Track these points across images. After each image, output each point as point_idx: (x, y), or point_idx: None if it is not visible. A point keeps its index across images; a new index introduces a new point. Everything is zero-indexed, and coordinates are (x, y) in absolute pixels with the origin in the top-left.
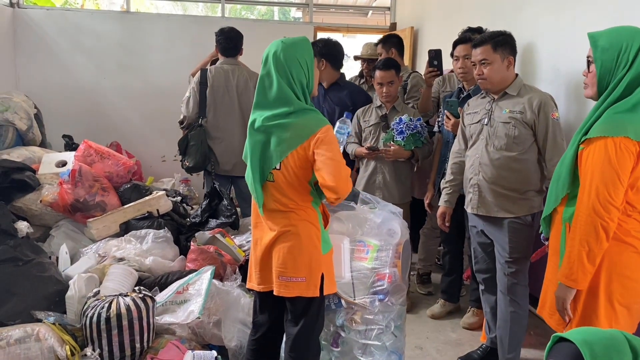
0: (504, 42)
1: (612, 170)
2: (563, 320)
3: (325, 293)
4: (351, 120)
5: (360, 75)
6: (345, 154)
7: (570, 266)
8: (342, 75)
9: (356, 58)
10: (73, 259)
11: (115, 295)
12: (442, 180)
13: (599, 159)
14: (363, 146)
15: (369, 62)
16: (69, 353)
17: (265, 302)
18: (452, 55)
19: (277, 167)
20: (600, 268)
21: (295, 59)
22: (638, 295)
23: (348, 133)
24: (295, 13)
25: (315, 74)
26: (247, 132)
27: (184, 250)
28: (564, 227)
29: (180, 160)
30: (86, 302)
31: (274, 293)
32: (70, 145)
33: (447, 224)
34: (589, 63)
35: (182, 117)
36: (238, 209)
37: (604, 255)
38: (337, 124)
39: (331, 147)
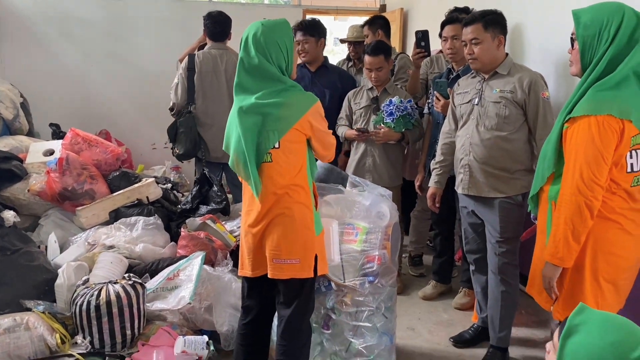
0: (494, 21)
1: (595, 149)
2: (551, 298)
3: (319, 274)
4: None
5: (348, 58)
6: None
7: (556, 245)
8: (326, 57)
9: (342, 41)
10: (63, 248)
11: (105, 282)
12: (432, 161)
13: (582, 138)
14: (353, 128)
15: (355, 44)
16: (59, 341)
17: (256, 286)
18: (440, 36)
19: (277, 145)
20: (586, 245)
21: (275, 41)
22: (623, 271)
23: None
24: None
25: (294, 58)
26: (233, 116)
27: (174, 237)
28: (550, 205)
29: (171, 148)
30: (75, 290)
31: (269, 276)
32: (58, 134)
33: (437, 205)
34: (572, 41)
35: (171, 104)
36: (229, 195)
37: (589, 233)
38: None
39: (322, 124)
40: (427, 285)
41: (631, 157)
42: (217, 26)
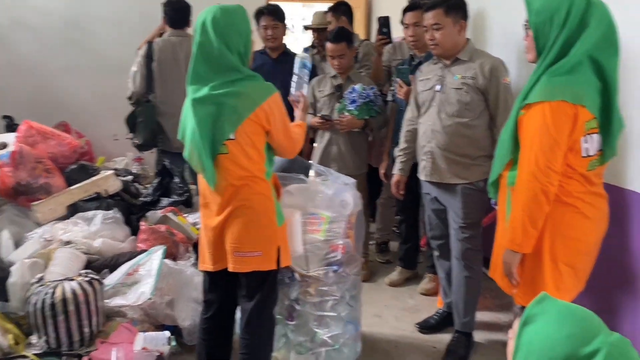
0: (455, 6)
1: (549, 135)
2: (512, 285)
3: (282, 265)
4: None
5: (312, 45)
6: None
7: (514, 231)
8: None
9: (306, 28)
10: (18, 245)
11: (61, 280)
12: (396, 149)
13: (536, 125)
14: (317, 116)
15: (319, 31)
16: (12, 342)
17: (217, 280)
18: (402, 22)
19: (232, 137)
20: (544, 230)
21: (234, 26)
22: (582, 254)
23: (309, 69)
24: None
25: (252, 46)
26: (187, 107)
27: (135, 231)
28: (508, 191)
29: (130, 139)
30: (30, 289)
31: (229, 269)
32: (11, 127)
33: (401, 193)
34: (526, 28)
35: (129, 92)
36: (193, 186)
37: (547, 218)
38: (298, 59)
39: (281, 117)
40: (393, 271)
41: (586, 141)
42: (177, 13)
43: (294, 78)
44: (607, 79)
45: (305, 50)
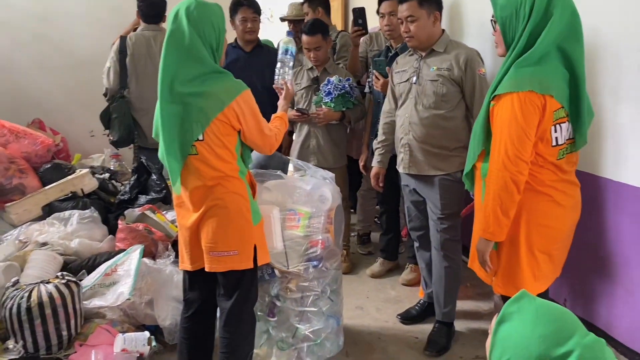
0: None
1: (518, 125)
2: (492, 274)
3: (259, 264)
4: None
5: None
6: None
7: (487, 220)
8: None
9: (282, 19)
10: None
11: (37, 283)
12: (375, 141)
13: (506, 115)
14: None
15: (295, 23)
16: None
17: (196, 279)
18: (377, 12)
19: (201, 137)
20: (519, 219)
21: (208, 18)
22: (557, 241)
23: (292, 55)
24: None
25: (225, 42)
26: (159, 101)
27: (113, 230)
28: (483, 182)
29: (107, 135)
30: (5, 293)
31: (206, 269)
32: None
33: (381, 185)
34: (493, 23)
35: (104, 89)
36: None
37: (521, 207)
38: (281, 45)
39: (253, 115)
40: (374, 263)
41: (555, 131)
42: (151, 8)
43: (278, 65)
44: (574, 68)
45: (289, 33)
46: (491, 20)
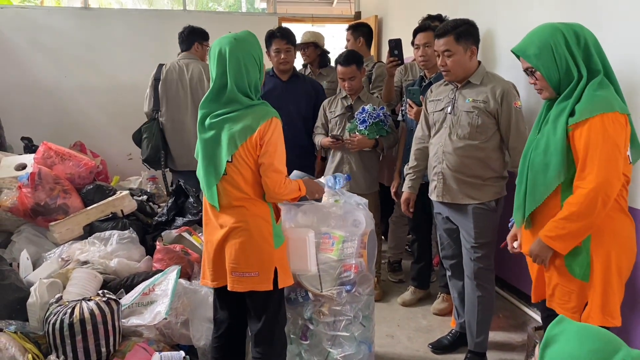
0: (466, 33)
1: (613, 145)
2: (579, 308)
3: (280, 286)
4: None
5: (304, 65)
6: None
7: (561, 232)
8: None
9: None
10: (36, 264)
11: (78, 300)
12: (406, 167)
13: (598, 137)
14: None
15: (304, 47)
16: None
17: (224, 298)
18: (412, 43)
19: (230, 159)
20: (609, 243)
21: (250, 55)
22: (632, 255)
23: (333, 188)
24: (260, 4)
25: (263, 67)
26: (197, 129)
27: (150, 251)
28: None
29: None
30: (48, 309)
31: (228, 288)
32: (30, 148)
33: (411, 210)
34: (531, 73)
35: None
36: None
37: (608, 229)
38: (337, 179)
39: (274, 143)
40: (406, 291)
41: (627, 148)
42: (180, 37)
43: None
44: (616, 88)
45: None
46: (525, 70)
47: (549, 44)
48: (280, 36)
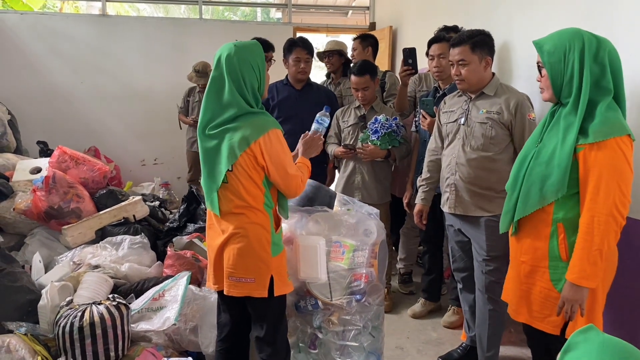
0: (482, 43)
1: (626, 169)
2: (560, 322)
3: (276, 294)
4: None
5: (328, 76)
6: (325, 154)
7: (589, 266)
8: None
9: (319, 56)
10: (48, 267)
11: (89, 303)
12: (419, 178)
13: (611, 160)
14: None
15: (329, 56)
16: None
17: (226, 302)
18: (427, 54)
19: (230, 169)
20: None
21: (248, 62)
22: (614, 267)
23: (324, 126)
24: (275, 14)
25: (266, 78)
26: (198, 137)
27: (161, 256)
28: (554, 227)
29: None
30: (59, 312)
31: (224, 292)
32: (45, 152)
33: (424, 222)
34: (540, 68)
35: None
36: None
37: None
38: (318, 116)
39: (278, 154)
40: (416, 303)
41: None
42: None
43: (313, 127)
44: (623, 108)
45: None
46: (537, 65)
47: (564, 46)
48: (303, 46)
